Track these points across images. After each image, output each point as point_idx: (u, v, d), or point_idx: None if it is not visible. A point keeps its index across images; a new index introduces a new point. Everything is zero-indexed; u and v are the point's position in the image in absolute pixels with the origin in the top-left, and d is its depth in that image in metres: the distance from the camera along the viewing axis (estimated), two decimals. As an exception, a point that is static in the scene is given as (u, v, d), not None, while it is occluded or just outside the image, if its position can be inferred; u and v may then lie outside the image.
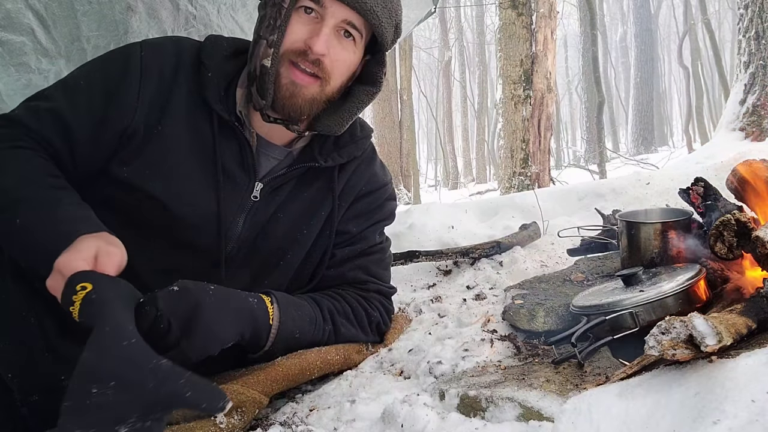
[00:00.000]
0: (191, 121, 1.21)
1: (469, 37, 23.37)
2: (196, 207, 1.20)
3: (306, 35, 1.15)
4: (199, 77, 1.21)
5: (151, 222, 1.19)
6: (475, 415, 1.01)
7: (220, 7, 2.07)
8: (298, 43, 1.15)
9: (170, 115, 1.19)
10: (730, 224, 1.23)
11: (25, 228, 1.02)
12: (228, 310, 1.07)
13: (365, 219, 1.40)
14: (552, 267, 1.92)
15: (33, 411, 1.11)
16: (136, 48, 1.21)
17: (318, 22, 1.15)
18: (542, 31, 7.22)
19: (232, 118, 1.20)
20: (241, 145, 1.23)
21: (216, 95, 1.20)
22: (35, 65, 1.63)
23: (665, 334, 0.88)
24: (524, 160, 7.30)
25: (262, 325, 1.14)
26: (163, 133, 1.18)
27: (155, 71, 1.19)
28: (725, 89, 9.42)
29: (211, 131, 1.21)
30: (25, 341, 1.12)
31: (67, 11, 1.65)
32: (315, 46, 1.14)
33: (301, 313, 1.22)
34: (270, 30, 1.14)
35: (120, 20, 1.78)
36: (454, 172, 19.12)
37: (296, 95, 1.17)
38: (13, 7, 1.52)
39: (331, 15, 1.15)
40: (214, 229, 1.22)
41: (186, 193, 1.19)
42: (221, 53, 1.23)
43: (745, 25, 5.14)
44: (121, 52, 1.22)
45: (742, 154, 2.71)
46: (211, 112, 1.21)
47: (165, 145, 1.18)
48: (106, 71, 1.19)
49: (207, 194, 1.21)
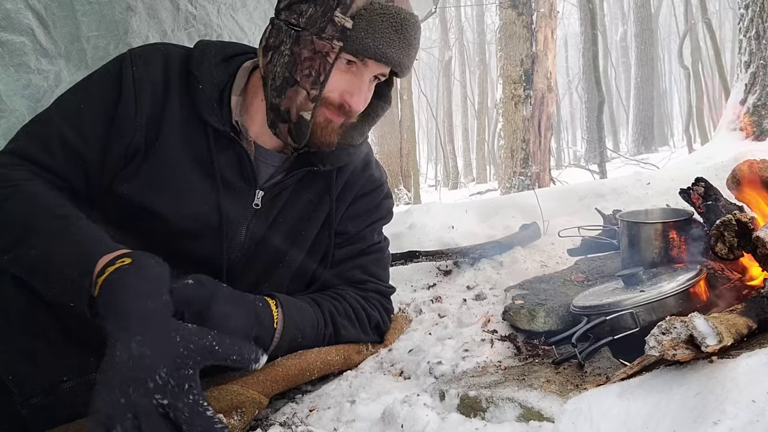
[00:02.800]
0: (186, 133, 1.18)
1: (470, 37, 23.36)
2: (197, 220, 1.19)
3: (344, 88, 1.14)
4: (189, 89, 1.18)
5: (152, 236, 1.17)
6: (476, 416, 1.01)
7: (220, 7, 2.07)
8: (334, 94, 1.14)
9: (165, 129, 1.17)
10: (730, 225, 1.23)
11: (42, 257, 0.99)
12: (239, 308, 1.07)
13: (363, 219, 1.40)
14: (552, 267, 1.91)
15: (33, 413, 1.11)
16: (127, 63, 1.17)
17: (355, 74, 1.14)
18: (542, 31, 7.22)
19: (227, 129, 1.18)
20: (239, 154, 1.21)
21: (209, 107, 1.17)
22: (35, 65, 1.63)
23: (666, 334, 0.88)
24: (524, 159, 7.30)
25: (267, 328, 1.14)
26: (160, 148, 1.16)
27: (148, 86, 1.16)
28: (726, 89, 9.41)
29: (207, 143, 1.19)
30: (27, 342, 1.11)
31: (67, 11, 1.65)
32: (355, 106, 1.15)
33: (303, 317, 1.22)
34: (311, 82, 1.12)
35: (120, 20, 1.78)
36: (454, 172, 19.11)
37: (328, 130, 1.18)
38: (12, 7, 1.52)
39: (369, 72, 1.15)
40: (216, 241, 1.22)
41: (187, 207, 1.18)
42: (211, 62, 1.21)
43: (746, 24, 5.13)
44: (112, 70, 1.18)
45: (742, 154, 2.70)
46: (205, 124, 1.19)
47: (162, 160, 1.16)
48: (103, 94, 1.16)
49: (208, 206, 1.20)
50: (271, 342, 1.15)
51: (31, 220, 1.03)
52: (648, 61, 16.43)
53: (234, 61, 1.24)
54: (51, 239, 1.00)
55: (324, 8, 1.10)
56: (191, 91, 1.18)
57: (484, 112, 19.95)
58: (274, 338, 1.15)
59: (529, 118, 7.23)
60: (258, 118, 1.22)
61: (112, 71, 1.17)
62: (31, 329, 1.11)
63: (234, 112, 1.20)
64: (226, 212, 1.21)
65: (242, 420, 1.03)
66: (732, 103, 5.47)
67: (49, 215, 1.04)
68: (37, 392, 1.11)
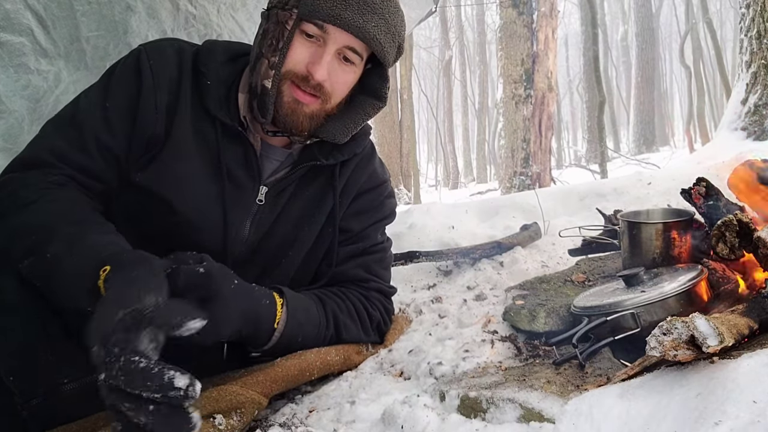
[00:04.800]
0: (196, 125, 1.22)
1: (470, 37, 23.36)
2: (202, 212, 1.21)
3: (307, 59, 1.16)
4: (199, 85, 1.22)
5: (158, 225, 1.20)
6: (476, 416, 1.01)
7: (220, 6, 2.06)
8: (299, 66, 1.16)
9: (178, 120, 1.20)
10: (732, 225, 1.23)
11: (52, 261, 1.00)
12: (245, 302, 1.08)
13: (367, 217, 1.41)
14: (553, 267, 1.91)
15: (34, 414, 1.11)
16: (143, 57, 1.21)
17: (320, 46, 1.16)
18: (543, 31, 7.22)
19: (235, 124, 1.21)
20: (245, 149, 1.24)
21: (217, 103, 1.21)
22: (34, 66, 1.63)
23: (667, 334, 0.88)
24: (525, 159, 7.30)
25: (265, 329, 1.15)
26: (173, 138, 1.20)
27: (165, 77, 1.20)
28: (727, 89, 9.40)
29: (215, 136, 1.22)
30: (29, 343, 1.11)
31: (67, 11, 1.65)
32: (316, 74, 1.16)
33: (307, 317, 1.23)
34: (272, 50, 1.16)
35: (120, 20, 1.77)
36: (455, 172, 19.12)
37: (297, 112, 1.19)
38: (12, 7, 1.52)
39: (333, 41, 1.16)
40: (220, 234, 1.23)
41: (193, 198, 1.21)
42: (217, 60, 1.24)
43: (747, 24, 5.12)
44: (130, 65, 1.22)
45: (743, 153, 2.70)
46: (213, 118, 1.22)
47: (175, 150, 1.20)
48: (125, 89, 1.20)
49: (213, 199, 1.22)
50: (269, 341, 1.16)
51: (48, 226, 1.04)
52: (649, 61, 16.42)
53: (240, 60, 1.27)
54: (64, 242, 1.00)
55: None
56: (200, 87, 1.22)
57: (484, 112, 19.96)
58: (273, 338, 1.16)
59: (529, 118, 7.23)
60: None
61: (131, 67, 1.21)
62: (32, 330, 1.11)
63: (242, 108, 1.23)
64: (230, 205, 1.23)
65: (242, 420, 1.02)
66: (733, 103, 5.46)
67: (67, 222, 1.04)
68: (37, 394, 1.11)
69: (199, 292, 0.98)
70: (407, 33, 2.19)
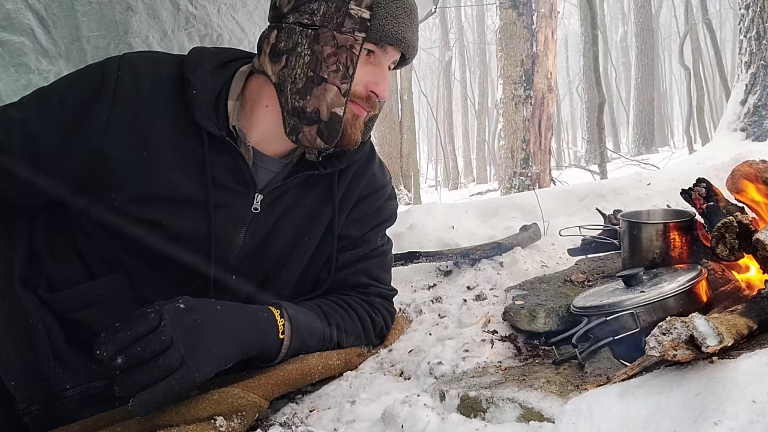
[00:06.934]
0: (178, 141, 1.15)
1: (470, 37, 23.37)
2: (189, 226, 1.16)
3: (367, 79, 1.16)
4: (184, 96, 1.15)
5: (146, 243, 1.15)
6: (476, 416, 1.01)
7: (220, 7, 2.07)
8: (360, 86, 1.16)
9: (153, 138, 1.13)
10: (731, 226, 1.23)
11: None
12: (232, 330, 1.06)
13: (366, 222, 1.38)
14: (553, 267, 1.91)
15: (35, 420, 1.11)
16: (114, 67, 1.13)
17: (376, 63, 1.17)
18: (543, 31, 7.23)
19: (223, 134, 1.15)
20: (235, 159, 1.18)
21: (204, 112, 1.14)
22: (35, 66, 1.63)
23: (666, 334, 0.88)
24: (525, 160, 7.31)
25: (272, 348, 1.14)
26: (149, 160, 1.13)
27: (129, 96, 1.12)
28: (726, 89, 9.41)
29: (201, 148, 1.15)
30: (32, 349, 1.10)
31: (67, 11, 1.65)
32: (382, 94, 1.18)
33: (310, 332, 1.21)
34: (341, 77, 1.12)
35: (120, 20, 1.77)
36: (455, 173, 19.12)
37: (355, 126, 1.19)
38: (13, 7, 1.52)
39: (388, 59, 1.18)
40: (207, 244, 1.18)
41: (179, 213, 1.15)
42: (204, 68, 1.18)
43: (746, 25, 5.13)
44: (98, 71, 1.14)
45: (743, 154, 2.70)
46: (200, 129, 1.15)
47: (153, 171, 1.13)
48: (81, 90, 1.13)
49: (200, 212, 1.17)
50: (278, 354, 1.16)
51: None
52: (648, 62, 16.42)
53: (230, 66, 1.22)
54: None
55: (337, 4, 1.11)
56: (186, 97, 1.15)
57: (484, 113, 19.96)
58: (282, 347, 1.16)
59: (529, 119, 7.24)
60: (260, 125, 1.19)
61: (97, 71, 1.14)
62: (34, 336, 1.11)
63: (231, 116, 1.18)
64: (218, 217, 1.18)
65: (242, 423, 1.02)
66: (732, 104, 5.47)
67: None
68: (39, 399, 1.11)
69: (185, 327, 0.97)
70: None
